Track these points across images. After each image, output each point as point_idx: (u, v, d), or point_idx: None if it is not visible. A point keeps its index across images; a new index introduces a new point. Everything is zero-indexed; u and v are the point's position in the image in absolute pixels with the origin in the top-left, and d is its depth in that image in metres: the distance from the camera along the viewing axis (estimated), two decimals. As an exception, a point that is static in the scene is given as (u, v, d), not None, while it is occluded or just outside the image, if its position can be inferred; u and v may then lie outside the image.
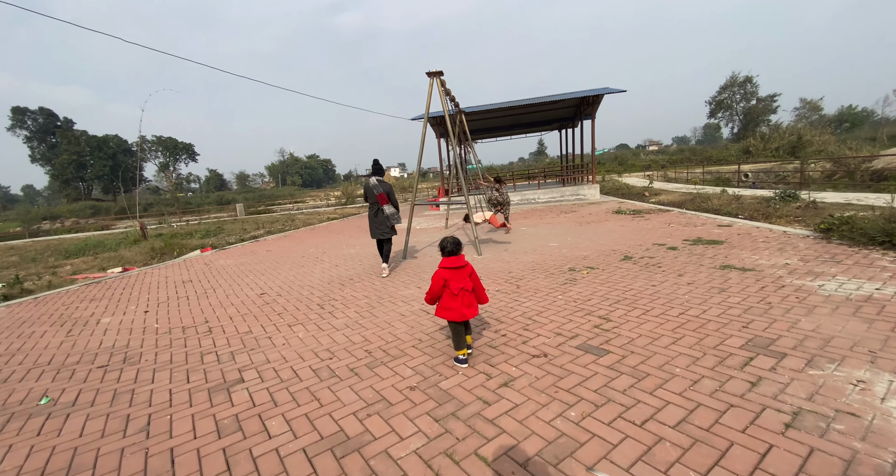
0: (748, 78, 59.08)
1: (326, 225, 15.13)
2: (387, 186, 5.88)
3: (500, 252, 6.85)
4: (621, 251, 5.98)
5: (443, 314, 2.87)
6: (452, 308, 2.81)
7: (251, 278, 6.55)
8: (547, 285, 4.57)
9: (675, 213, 9.49)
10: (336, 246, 9.36)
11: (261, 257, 8.64)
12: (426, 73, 6.31)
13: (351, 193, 42.05)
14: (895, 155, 22.65)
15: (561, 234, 8.03)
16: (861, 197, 10.12)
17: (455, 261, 2.88)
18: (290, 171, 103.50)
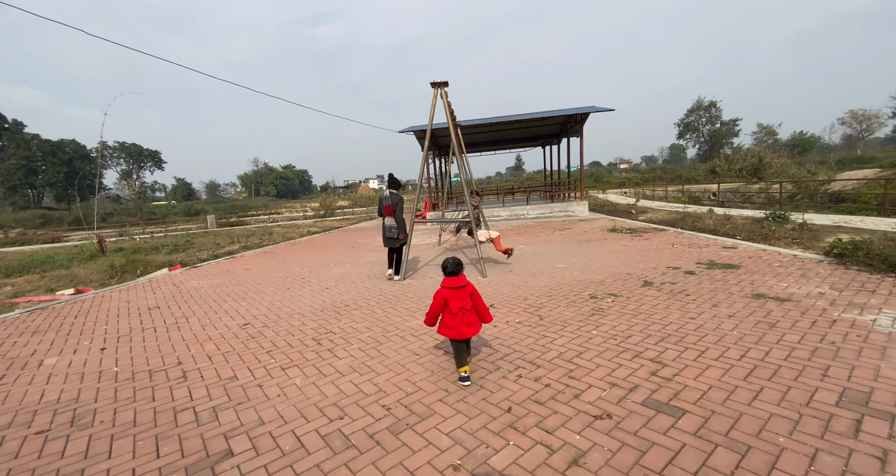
0: (712, 102, 62.70)
1: (308, 240, 14.31)
2: (396, 199, 6.22)
3: (506, 274, 6.42)
4: (637, 275, 5.67)
5: (443, 332, 2.98)
6: (452, 326, 2.91)
7: (230, 304, 5.80)
8: (573, 316, 4.14)
9: (671, 233, 9.41)
10: (323, 264, 8.66)
11: (239, 277, 7.84)
12: (430, 84, 5.91)
13: (330, 205, 40.97)
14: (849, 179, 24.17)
15: (564, 254, 7.70)
16: (846, 219, 10.40)
17: (456, 281, 2.97)
18: (265, 182, 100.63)
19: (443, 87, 5.91)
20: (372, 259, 8.96)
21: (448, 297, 2.92)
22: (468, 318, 2.92)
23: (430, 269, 7.33)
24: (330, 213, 33.34)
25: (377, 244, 11.43)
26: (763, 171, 44.75)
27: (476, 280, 6.13)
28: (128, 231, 24.65)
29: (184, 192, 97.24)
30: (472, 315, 2.95)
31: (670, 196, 27.47)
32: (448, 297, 2.92)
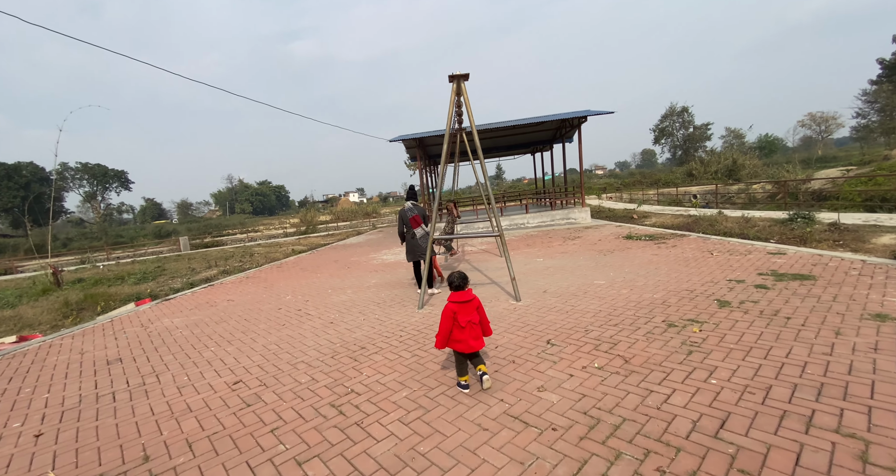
0: (685, 108, 64.63)
1: (295, 260, 13.08)
2: (420, 209, 6.10)
3: (539, 295, 5.52)
4: (700, 292, 4.88)
5: (452, 346, 3.03)
6: (461, 340, 2.97)
7: (213, 350, 4.67)
8: (667, 356, 3.27)
9: (696, 238, 8.77)
10: (319, 291, 7.56)
11: (221, 312, 6.65)
12: (449, 77, 5.04)
13: (311, 220, 39.44)
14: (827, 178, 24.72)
15: (594, 268, 6.88)
16: (880, 217, 9.98)
17: (463, 295, 3.05)
18: (240, 199, 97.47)
19: (462, 80, 5.06)
20: (375, 281, 7.92)
21: (456, 311, 2.98)
22: (476, 332, 3.01)
23: (447, 292, 6.36)
24: (312, 229, 31.89)
25: (376, 263, 10.37)
26: (737, 172, 46.05)
27: (510, 305, 5.22)
28: (90, 257, 22.61)
29: (153, 212, 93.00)
30: (478, 329, 3.05)
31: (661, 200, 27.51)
32: (456, 311, 2.98)
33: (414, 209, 6.07)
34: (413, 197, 6.33)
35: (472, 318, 2.99)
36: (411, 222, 6.05)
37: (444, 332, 3.01)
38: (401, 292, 6.68)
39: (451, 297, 3.06)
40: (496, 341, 4.00)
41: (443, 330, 3.00)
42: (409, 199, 6.30)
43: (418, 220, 6.05)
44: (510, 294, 5.78)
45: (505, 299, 5.54)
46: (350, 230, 28.68)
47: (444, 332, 3.01)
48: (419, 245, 6.02)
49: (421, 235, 6.00)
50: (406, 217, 6.09)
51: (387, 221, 36.10)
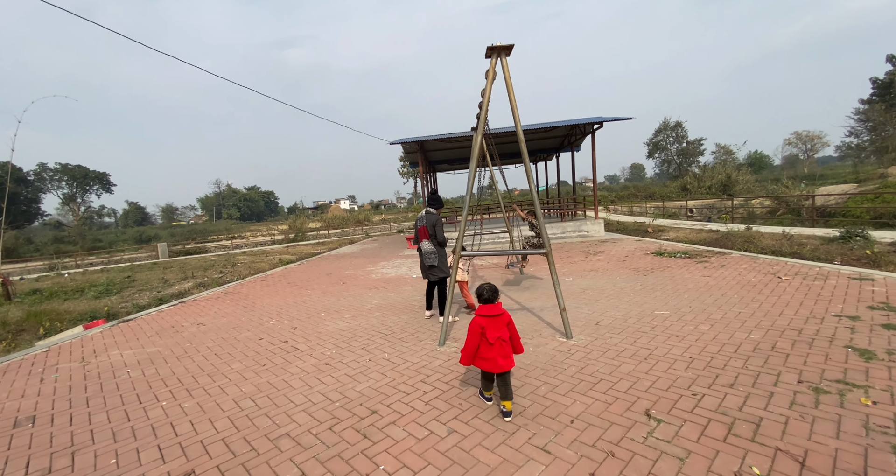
0: (678, 123, 65.17)
1: (282, 272, 11.72)
2: (432, 218, 5.12)
3: (591, 328, 4.37)
4: (810, 332, 3.78)
5: (479, 364, 2.83)
6: (489, 358, 2.76)
7: (164, 408, 3.38)
8: (859, 453, 2.12)
9: (739, 257, 7.75)
10: (310, 313, 6.28)
11: (187, 341, 5.34)
12: (487, 49, 3.93)
13: (300, 227, 37.93)
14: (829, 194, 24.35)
15: (642, 292, 5.77)
16: None
17: (492, 308, 2.85)
18: (227, 204, 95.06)
19: (504, 55, 3.95)
20: (377, 301, 6.68)
21: (485, 326, 2.78)
22: (506, 350, 2.79)
23: (471, 322, 5.16)
24: (301, 236, 30.42)
25: (374, 277, 9.12)
26: (731, 187, 46.05)
27: (560, 344, 4.05)
28: (59, 264, 20.80)
29: (137, 217, 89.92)
30: (508, 346, 2.82)
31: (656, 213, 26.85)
32: (485, 326, 2.78)
33: (425, 218, 5.16)
34: (434, 203, 5.28)
35: (502, 334, 2.79)
36: (419, 233, 5.20)
37: (470, 349, 2.82)
38: (411, 319, 5.47)
39: (480, 310, 2.88)
40: (565, 409, 2.82)
41: (469, 346, 2.82)
42: (431, 205, 5.29)
43: (425, 231, 5.12)
44: (553, 326, 4.61)
45: (550, 335, 4.36)
46: (342, 238, 27.32)
47: (470, 349, 2.82)
48: (423, 261, 5.20)
49: (426, 251, 5.12)
50: (417, 225, 5.28)
51: (379, 230, 34.80)
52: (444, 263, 5.14)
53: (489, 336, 2.75)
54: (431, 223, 5.08)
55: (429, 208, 5.26)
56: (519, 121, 4.10)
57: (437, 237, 5.04)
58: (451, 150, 16.95)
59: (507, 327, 2.84)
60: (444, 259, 5.15)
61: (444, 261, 5.16)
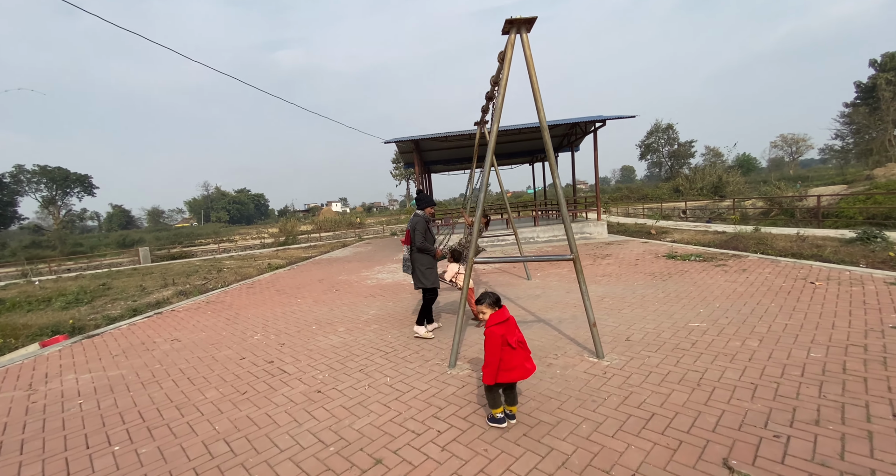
0: (670, 125, 65.65)
1: (271, 278, 11.01)
2: (413, 221, 4.59)
3: (623, 344, 3.82)
4: (877, 348, 3.29)
5: (507, 376, 2.55)
6: (515, 366, 2.55)
7: (116, 453, 2.74)
8: None
9: (757, 260, 7.31)
10: (301, 326, 5.64)
11: (158, 362, 4.66)
12: (505, 24, 3.36)
13: (291, 230, 37.02)
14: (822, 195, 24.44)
15: (666, 300, 5.26)
16: None
17: (503, 313, 2.66)
18: (216, 207, 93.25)
19: (524, 30, 3.37)
20: (374, 311, 6.07)
21: (504, 333, 2.55)
22: (527, 352, 2.64)
23: (482, 336, 4.60)
24: (292, 239, 29.55)
25: (370, 283, 8.50)
26: (723, 188, 46.36)
27: (591, 365, 3.49)
28: (32, 270, 19.70)
29: (121, 220, 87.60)
30: (527, 347, 2.65)
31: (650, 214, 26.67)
32: (504, 333, 2.55)
33: (411, 221, 4.66)
34: (419, 203, 4.72)
35: (520, 335, 2.64)
36: (406, 237, 4.67)
37: (494, 363, 2.54)
38: (413, 332, 4.87)
39: (493, 318, 2.65)
40: (618, 457, 2.26)
41: (492, 360, 2.54)
42: (418, 206, 4.75)
43: (408, 237, 4.61)
44: (577, 342, 4.06)
45: (576, 353, 3.80)
46: (334, 241, 26.54)
47: (494, 363, 2.54)
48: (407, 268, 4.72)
49: (403, 258, 4.75)
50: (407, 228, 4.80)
51: (372, 233, 34.09)
52: (424, 272, 4.49)
53: (512, 340, 2.55)
54: (412, 225, 4.52)
55: (417, 211, 4.70)
56: (542, 106, 3.54)
57: (415, 242, 4.47)
58: (447, 150, 16.41)
59: (518, 329, 2.68)
60: (423, 267, 4.50)
61: (425, 269, 4.51)
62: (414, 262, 4.56)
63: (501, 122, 3.69)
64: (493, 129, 3.60)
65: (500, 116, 3.65)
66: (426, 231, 4.57)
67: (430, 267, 4.56)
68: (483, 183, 3.71)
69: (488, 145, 3.65)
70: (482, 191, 3.71)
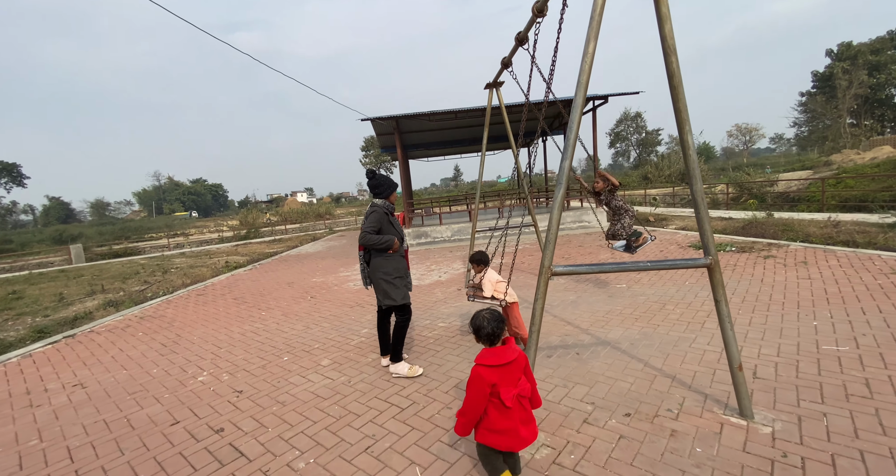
0: (638, 113, 66.58)
1: (228, 280, 9.15)
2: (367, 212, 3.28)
3: (764, 386, 2.58)
4: None
5: (489, 439, 1.79)
6: (505, 430, 1.75)
7: None
8: None
9: (806, 250, 6.39)
10: (266, 355, 4.06)
11: (31, 434, 2.98)
12: None
13: (253, 222, 34.19)
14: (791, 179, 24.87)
15: (747, 309, 4.10)
16: None
17: (503, 352, 1.79)
18: (169, 198, 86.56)
19: None
20: (366, 330, 4.58)
21: (496, 382, 1.73)
22: (528, 413, 1.81)
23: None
24: (255, 233, 26.98)
25: (353, 287, 6.93)
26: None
27: (739, 431, 2.21)
28: (-67, 274, 16.40)
29: (60, 213, 79.42)
30: (529, 405, 1.83)
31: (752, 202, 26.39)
32: (496, 382, 1.73)
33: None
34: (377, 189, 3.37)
35: (521, 387, 1.77)
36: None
37: (473, 412, 1.76)
38: (435, 368, 3.44)
39: (482, 356, 1.80)
40: None
41: (470, 408, 1.76)
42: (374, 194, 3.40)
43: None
44: (681, 382, 2.78)
45: (697, 403, 2.51)
46: (302, 234, 24.37)
47: (473, 412, 1.76)
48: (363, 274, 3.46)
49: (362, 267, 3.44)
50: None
51: (343, 224, 31.99)
52: (392, 283, 3.28)
53: (504, 396, 1.74)
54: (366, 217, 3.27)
55: (374, 199, 3.38)
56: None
57: (359, 238, 3.27)
58: (431, 132, 14.82)
59: (524, 374, 1.85)
60: (389, 276, 3.28)
61: (392, 279, 3.29)
62: (374, 271, 3.29)
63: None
64: (583, 81, 2.17)
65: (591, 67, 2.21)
66: (380, 223, 3.22)
67: (400, 275, 3.32)
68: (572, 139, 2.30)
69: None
70: (568, 157, 2.29)
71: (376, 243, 3.17)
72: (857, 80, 44.22)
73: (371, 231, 3.16)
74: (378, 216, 3.21)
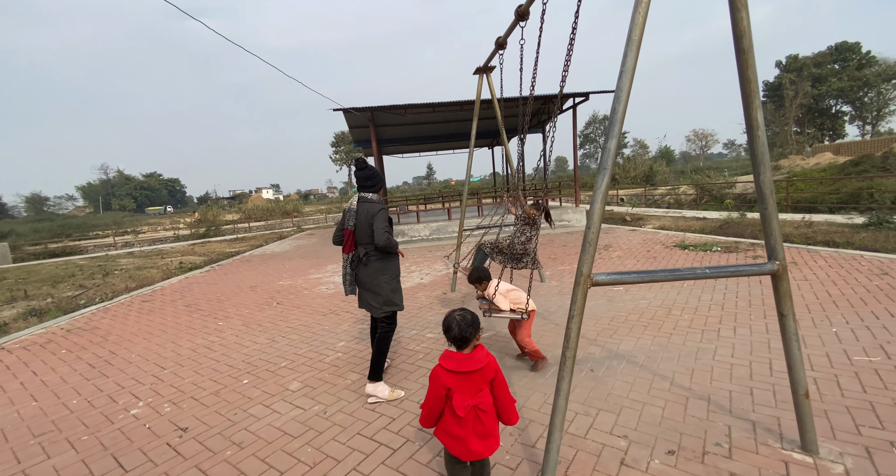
0: (606, 116, 68.62)
1: (181, 284, 8.15)
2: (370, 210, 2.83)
3: (840, 422, 2.24)
4: None
5: (442, 439, 1.68)
6: (457, 437, 1.62)
7: None
8: None
9: (787, 249, 6.37)
10: (222, 378, 3.37)
11: None
12: None
13: (213, 220, 32.17)
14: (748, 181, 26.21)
15: (759, 315, 3.86)
16: None
17: (465, 359, 1.63)
18: (119, 193, 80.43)
19: None
20: (343, 343, 3.97)
21: (451, 387, 1.60)
22: (487, 426, 1.62)
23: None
24: (215, 230, 25.20)
25: (326, 291, 6.24)
26: (653, 177, 49.54)
27: (806, 471, 1.83)
28: None
29: (-11, 208, 71.72)
30: (491, 419, 1.64)
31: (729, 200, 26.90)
32: (451, 387, 1.60)
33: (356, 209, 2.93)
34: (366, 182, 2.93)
35: (481, 400, 1.60)
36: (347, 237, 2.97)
37: (429, 409, 1.67)
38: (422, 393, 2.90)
39: (443, 356, 1.66)
40: None
41: (427, 404, 1.67)
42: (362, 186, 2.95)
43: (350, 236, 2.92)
44: (720, 405, 2.40)
45: (746, 435, 2.14)
46: (268, 232, 22.99)
47: (429, 409, 1.67)
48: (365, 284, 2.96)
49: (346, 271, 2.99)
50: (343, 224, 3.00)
51: (312, 222, 30.64)
52: (395, 289, 2.96)
53: (457, 404, 1.57)
54: (369, 216, 2.83)
55: (363, 192, 2.95)
56: None
57: (376, 240, 2.80)
58: (409, 126, 14.19)
59: (490, 387, 1.65)
60: (392, 279, 2.95)
61: (394, 283, 2.96)
62: (375, 275, 2.89)
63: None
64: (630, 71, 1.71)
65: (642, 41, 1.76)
66: (390, 222, 2.90)
67: (397, 277, 3.01)
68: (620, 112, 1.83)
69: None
70: (614, 135, 1.82)
71: (395, 245, 2.88)
72: (802, 90, 47.52)
73: (390, 232, 2.83)
74: (386, 214, 2.86)
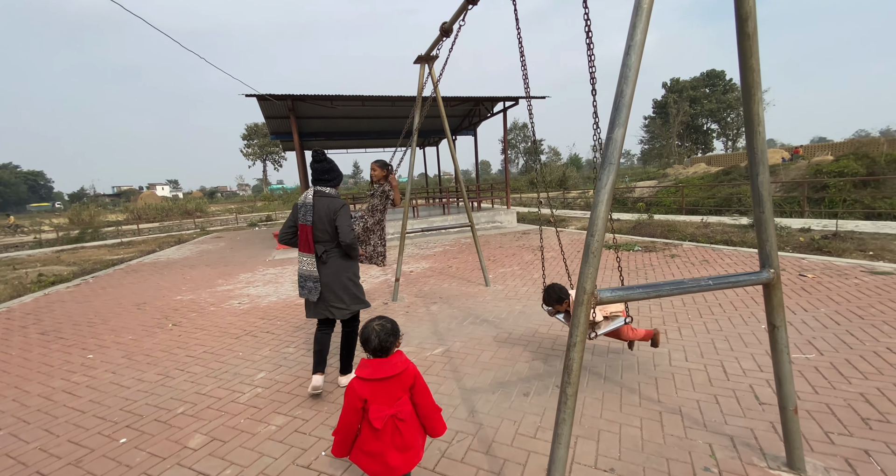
0: (525, 124, 72.91)
1: (37, 303, 6.33)
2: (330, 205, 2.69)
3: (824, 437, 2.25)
4: None
5: (360, 461, 1.55)
6: (374, 453, 1.51)
7: None
8: None
9: (695, 248, 7.03)
10: (84, 433, 2.44)
11: None
12: None
13: (90, 220, 27.01)
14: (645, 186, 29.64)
15: (702, 318, 4.02)
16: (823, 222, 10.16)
17: (383, 365, 1.55)
18: (-49, 187, 63.99)
19: None
20: (262, 374, 3.24)
21: (367, 398, 1.51)
22: (405, 438, 1.52)
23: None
24: (93, 233, 21.02)
25: (238, 306, 5.26)
26: (566, 182, 54.01)
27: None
28: None
29: None
30: (411, 429, 1.54)
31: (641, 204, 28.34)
32: (367, 398, 1.51)
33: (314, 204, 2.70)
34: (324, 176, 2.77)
35: (400, 409, 1.52)
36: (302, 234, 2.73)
37: (344, 430, 1.54)
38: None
39: (361, 368, 1.57)
40: None
41: (342, 425, 1.55)
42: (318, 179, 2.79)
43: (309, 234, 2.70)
44: (697, 421, 2.30)
45: (728, 453, 2.03)
46: (163, 235, 19.85)
47: (344, 430, 1.54)
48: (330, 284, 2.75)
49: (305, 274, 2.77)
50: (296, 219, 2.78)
51: (220, 223, 27.33)
52: (359, 287, 2.91)
53: (373, 415, 1.48)
54: (331, 212, 2.68)
55: (320, 186, 2.78)
56: None
57: (341, 238, 2.68)
58: (336, 120, 13.16)
59: (409, 393, 1.57)
60: (356, 278, 2.90)
61: (358, 281, 2.92)
62: (338, 273, 2.75)
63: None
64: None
65: None
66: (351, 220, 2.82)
67: (358, 274, 2.96)
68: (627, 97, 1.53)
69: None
70: (621, 125, 1.52)
71: (355, 245, 2.75)
72: (682, 109, 55.44)
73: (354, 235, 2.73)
74: (349, 210, 2.70)
